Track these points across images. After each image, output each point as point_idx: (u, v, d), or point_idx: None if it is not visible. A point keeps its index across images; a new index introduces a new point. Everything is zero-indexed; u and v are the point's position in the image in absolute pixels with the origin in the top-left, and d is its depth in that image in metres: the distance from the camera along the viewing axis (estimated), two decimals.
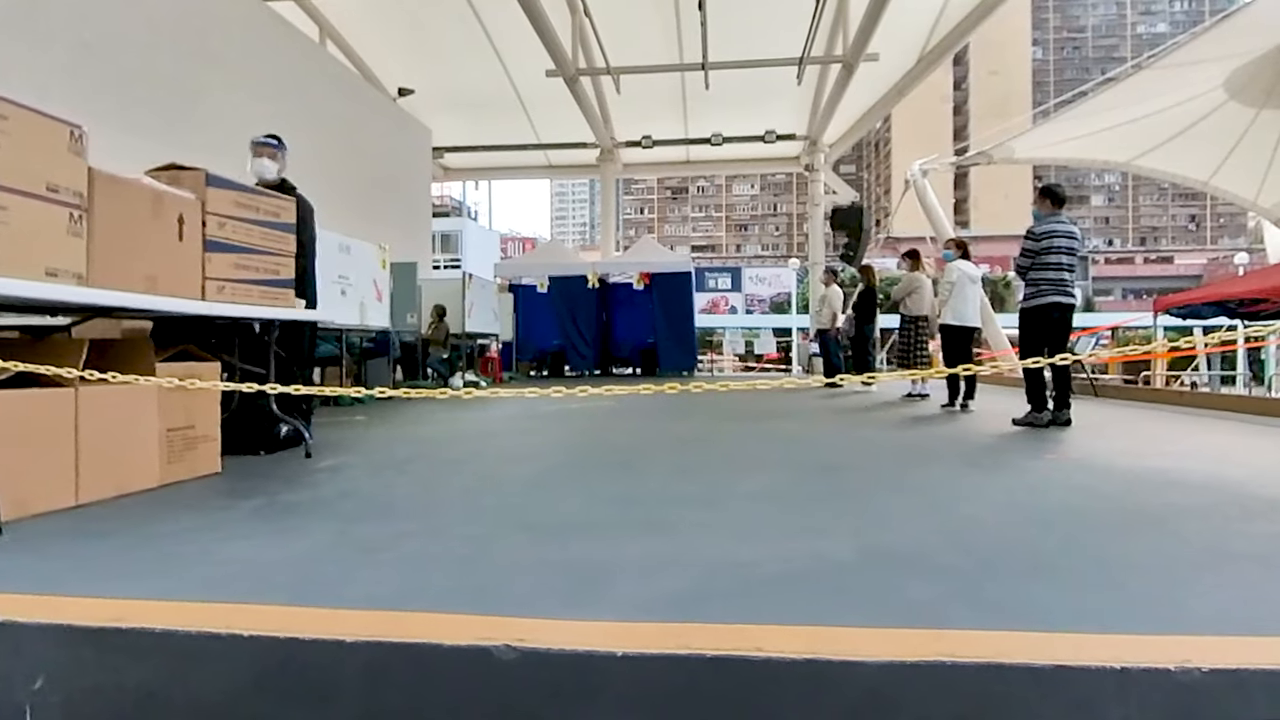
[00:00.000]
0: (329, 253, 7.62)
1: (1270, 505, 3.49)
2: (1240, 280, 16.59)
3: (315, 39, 13.85)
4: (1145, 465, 4.76)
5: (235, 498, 3.68)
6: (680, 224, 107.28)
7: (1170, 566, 2.47)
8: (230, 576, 2.38)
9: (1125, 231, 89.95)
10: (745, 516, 3.27)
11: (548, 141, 20.76)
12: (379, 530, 3.00)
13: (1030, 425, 6.78)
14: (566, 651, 1.71)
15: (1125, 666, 1.59)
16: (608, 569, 2.42)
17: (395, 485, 4.12)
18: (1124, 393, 12.73)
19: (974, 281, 8.64)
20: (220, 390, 3.99)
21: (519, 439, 6.25)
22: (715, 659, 1.67)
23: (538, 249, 26.66)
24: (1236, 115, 14.08)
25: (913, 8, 14.01)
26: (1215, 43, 12.60)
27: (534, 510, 3.44)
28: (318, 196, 5.70)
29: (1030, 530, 2.99)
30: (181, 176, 4.25)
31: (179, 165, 4.37)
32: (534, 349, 18.66)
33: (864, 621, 1.90)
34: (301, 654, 1.78)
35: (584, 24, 14.01)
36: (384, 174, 14.58)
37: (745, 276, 51.19)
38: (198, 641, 1.82)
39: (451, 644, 1.74)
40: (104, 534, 2.93)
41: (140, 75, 7.93)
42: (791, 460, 5.05)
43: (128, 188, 3.80)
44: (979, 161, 18.10)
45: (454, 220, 48.77)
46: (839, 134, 20.16)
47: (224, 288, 4.34)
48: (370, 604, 2.05)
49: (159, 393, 3.79)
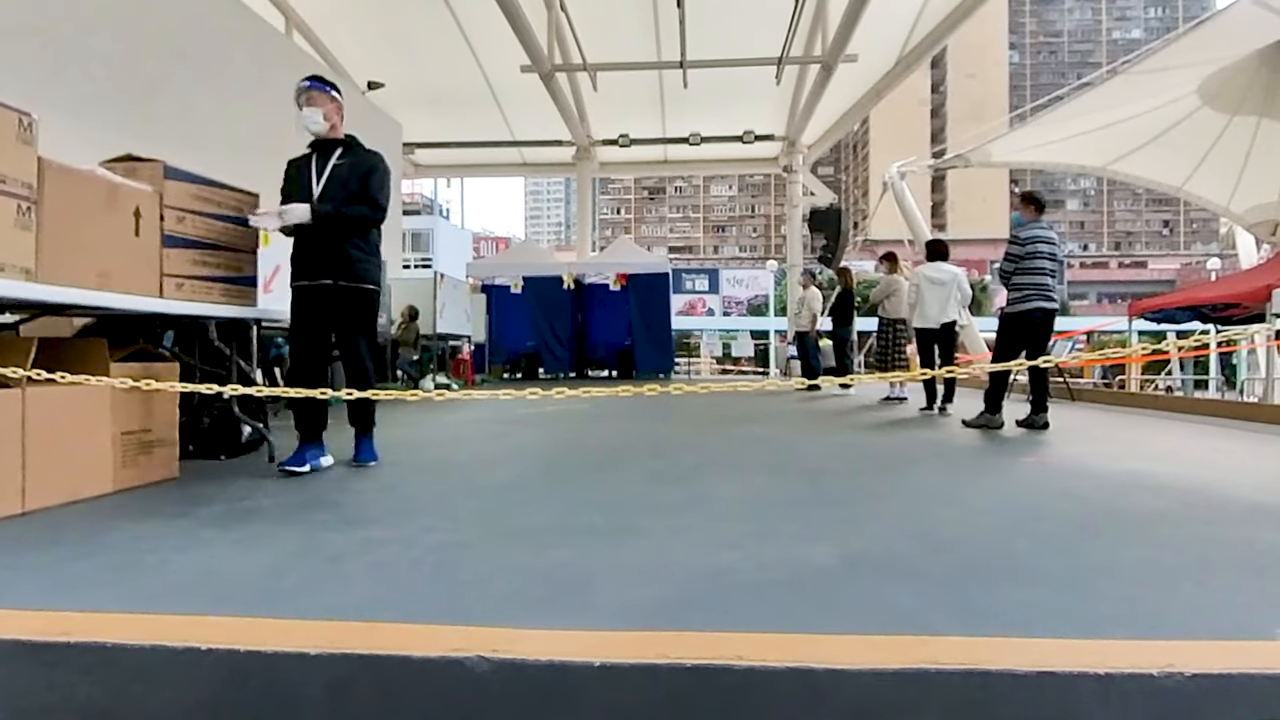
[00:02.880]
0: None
1: (1248, 509, 3.52)
2: (1213, 285, 16.74)
3: (281, 29, 13.61)
4: (1123, 469, 4.76)
5: (194, 504, 3.53)
6: (657, 224, 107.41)
7: (1151, 570, 2.47)
8: (188, 587, 2.29)
9: (1100, 236, 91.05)
10: (724, 522, 3.22)
11: (522, 139, 20.58)
12: (346, 537, 2.90)
13: (984, 428, 6.82)
14: (542, 662, 1.67)
15: (1108, 671, 1.59)
16: (584, 576, 2.38)
17: (363, 490, 4.01)
18: (1100, 396, 12.78)
19: (937, 283, 8.61)
20: (178, 392, 3.84)
21: (492, 443, 6.16)
22: (695, 668, 1.65)
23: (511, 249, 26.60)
24: (1209, 121, 14.27)
25: (891, 10, 14.01)
26: (1188, 49, 12.74)
27: (508, 516, 3.36)
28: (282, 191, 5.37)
29: (1011, 534, 2.97)
30: (138, 168, 4.12)
31: (135, 156, 4.24)
32: (507, 351, 18.56)
33: (846, 629, 1.89)
34: (264, 668, 1.72)
35: (560, 19, 13.87)
36: None
37: (723, 278, 51.36)
38: (153, 656, 1.74)
39: (422, 655, 1.69)
40: (51, 542, 2.80)
41: (95, 62, 7.69)
42: (770, 464, 5.01)
43: (80, 179, 3.67)
44: (956, 164, 18.23)
45: (425, 218, 48.60)
46: (817, 135, 20.18)
47: (183, 285, 4.20)
48: (337, 615, 1.98)
49: (113, 394, 3.64)
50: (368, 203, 4.50)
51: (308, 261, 4.51)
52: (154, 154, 4.30)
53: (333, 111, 4.60)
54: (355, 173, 4.50)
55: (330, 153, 4.57)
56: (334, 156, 4.56)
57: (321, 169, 4.52)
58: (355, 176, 4.49)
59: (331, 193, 4.44)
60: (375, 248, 4.69)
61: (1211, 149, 14.78)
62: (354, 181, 4.48)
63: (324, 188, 4.46)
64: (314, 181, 4.49)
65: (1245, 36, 11.93)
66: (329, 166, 4.52)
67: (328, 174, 4.49)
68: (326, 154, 4.57)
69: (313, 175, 4.51)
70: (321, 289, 4.49)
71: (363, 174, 4.51)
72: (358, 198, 4.47)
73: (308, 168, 4.55)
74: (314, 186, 4.48)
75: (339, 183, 4.47)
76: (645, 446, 5.91)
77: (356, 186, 4.47)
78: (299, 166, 4.60)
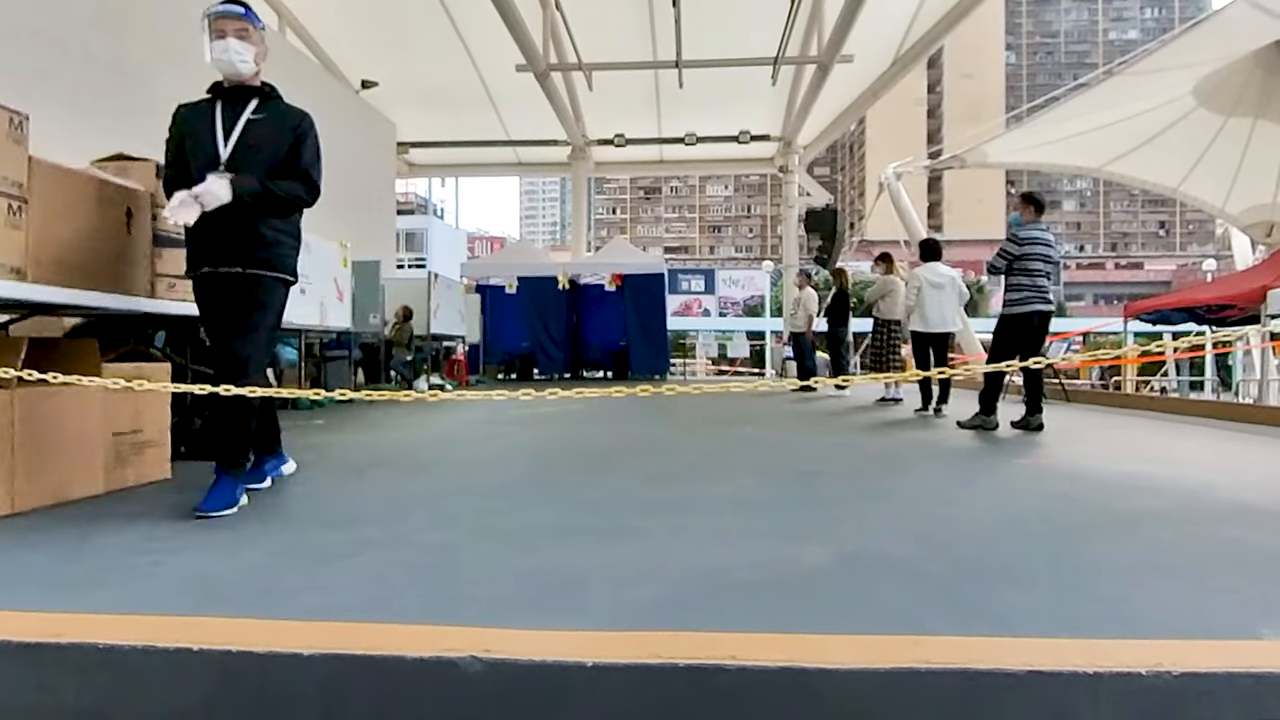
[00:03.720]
0: None
1: (1240, 510, 3.54)
2: (1208, 286, 16.76)
3: (274, 27, 13.59)
4: (1117, 470, 4.77)
5: (186, 505, 3.50)
6: (653, 225, 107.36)
7: (1142, 571, 2.48)
8: (180, 587, 2.27)
9: (1096, 237, 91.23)
10: (719, 522, 3.22)
11: (517, 138, 20.60)
12: (339, 538, 2.89)
13: (978, 429, 6.82)
14: (535, 662, 1.66)
15: (1098, 671, 1.59)
16: (578, 577, 2.37)
17: (356, 491, 4.01)
18: (1095, 398, 12.79)
19: (936, 287, 8.60)
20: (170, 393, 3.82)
21: (486, 443, 6.15)
22: (688, 668, 1.64)
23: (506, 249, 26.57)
24: (1205, 122, 14.29)
25: (888, 10, 14.04)
26: (1184, 50, 12.74)
27: (502, 517, 3.35)
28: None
29: (1004, 535, 2.99)
30: (130, 167, 4.11)
31: (127, 155, 4.22)
32: (502, 351, 18.52)
33: (839, 628, 1.89)
34: (256, 669, 1.70)
35: (556, 18, 13.86)
36: (345, 169, 14.22)
37: (719, 279, 51.21)
38: (144, 657, 1.72)
39: (415, 655, 1.67)
40: (41, 544, 2.78)
41: (89, 62, 7.67)
42: (765, 465, 5.01)
43: (72, 178, 3.66)
44: (952, 165, 18.23)
45: (419, 218, 48.43)
46: (813, 135, 20.20)
47: (175, 285, 4.18)
48: (329, 615, 1.97)
49: (104, 395, 3.62)
50: (302, 179, 3.61)
51: (211, 243, 3.50)
52: (145, 153, 4.28)
53: (261, 55, 3.65)
54: (278, 135, 3.58)
55: (242, 103, 3.57)
56: (248, 109, 3.56)
57: (230, 124, 3.51)
58: (279, 140, 3.58)
59: (245, 157, 3.48)
60: (297, 228, 3.79)
61: (1207, 150, 14.80)
62: (277, 147, 3.57)
63: (234, 149, 3.48)
64: (219, 139, 3.48)
65: (1241, 38, 11.95)
66: (241, 121, 3.52)
67: (239, 131, 3.50)
68: (237, 104, 3.56)
69: (217, 131, 3.49)
70: (228, 279, 3.53)
71: (292, 140, 3.61)
72: (286, 170, 3.57)
73: (209, 120, 3.53)
74: (219, 145, 3.48)
75: (254, 146, 3.52)
76: (639, 447, 5.90)
77: (283, 155, 3.57)
78: (196, 117, 3.58)
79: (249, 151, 3.49)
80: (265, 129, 3.56)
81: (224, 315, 3.56)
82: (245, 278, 3.53)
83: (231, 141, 3.48)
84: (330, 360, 11.28)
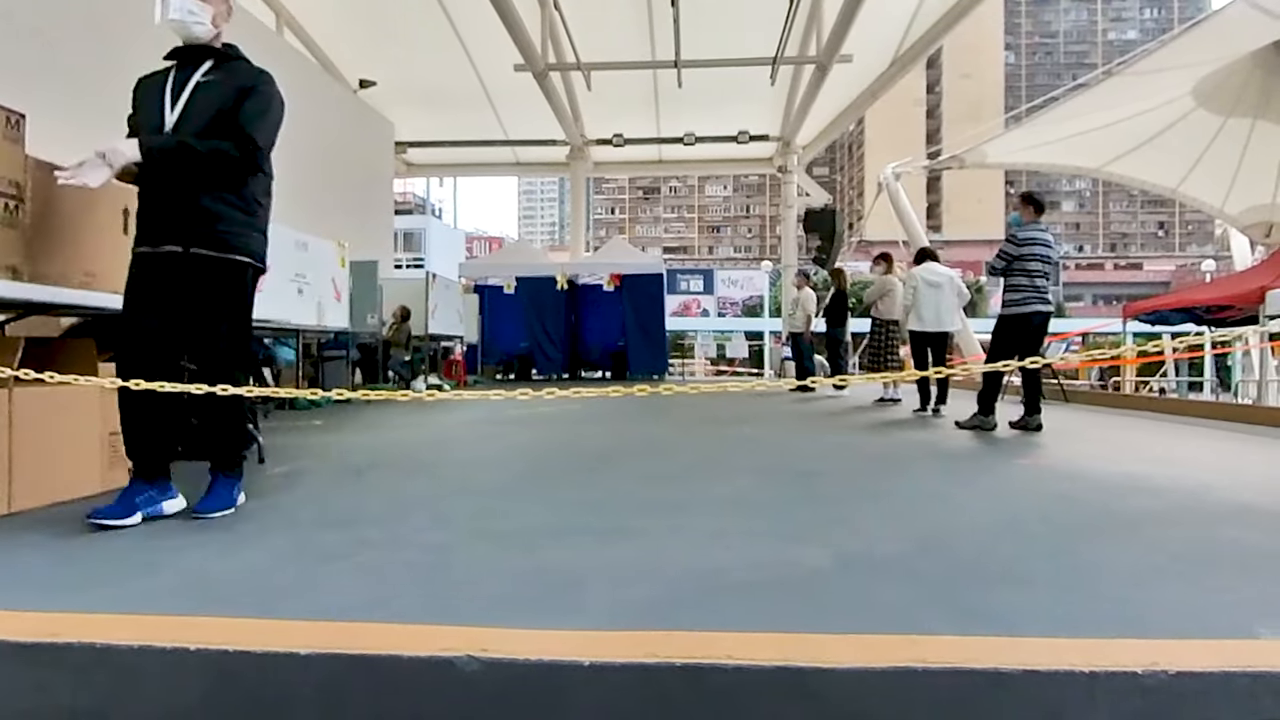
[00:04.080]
0: (285, 250, 7.42)
1: (1238, 510, 3.53)
2: (1207, 287, 16.78)
3: (272, 27, 13.60)
4: (1116, 470, 4.77)
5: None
6: (652, 225, 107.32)
7: (1139, 571, 2.48)
8: (177, 587, 2.27)
9: (1095, 237, 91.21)
10: (716, 522, 3.23)
11: (516, 138, 20.53)
12: (337, 538, 2.89)
13: (977, 429, 6.82)
14: (533, 661, 1.66)
15: (1093, 670, 1.59)
16: (575, 577, 2.37)
17: (355, 491, 4.01)
18: (1094, 398, 12.79)
19: (934, 286, 8.60)
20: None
21: (484, 443, 6.14)
22: (685, 667, 1.64)
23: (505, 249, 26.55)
24: (1204, 123, 14.29)
25: (887, 10, 14.02)
26: (1183, 50, 12.74)
27: (500, 517, 3.35)
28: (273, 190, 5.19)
29: (1002, 535, 2.99)
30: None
31: None
32: (500, 352, 18.49)
33: (836, 628, 1.89)
34: (254, 668, 1.70)
35: (554, 18, 13.83)
36: (343, 168, 14.31)
37: (718, 279, 51.24)
38: (141, 657, 1.72)
39: (413, 655, 1.68)
40: (39, 544, 2.78)
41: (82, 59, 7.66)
42: (763, 465, 5.01)
43: None
44: (951, 165, 18.23)
45: (417, 218, 48.43)
46: (812, 136, 20.16)
47: None
48: (327, 615, 1.97)
49: (101, 395, 3.61)
50: (234, 136, 3.12)
51: (152, 219, 3.16)
52: None
53: (222, 15, 3.29)
54: (226, 94, 3.17)
55: (195, 65, 3.23)
56: (200, 70, 3.21)
57: (180, 88, 3.17)
58: (225, 98, 3.16)
59: (192, 121, 3.12)
60: (254, 205, 3.32)
61: (1206, 151, 14.81)
62: (221, 105, 3.16)
63: (182, 114, 3.14)
64: (168, 106, 3.15)
65: (1240, 38, 11.95)
66: (191, 84, 3.17)
67: (188, 94, 3.15)
68: (190, 67, 3.22)
69: (167, 98, 3.16)
70: (167, 259, 3.13)
71: (239, 95, 3.18)
72: (223, 128, 3.12)
73: (161, 88, 3.21)
74: (167, 112, 3.14)
75: (203, 107, 3.14)
76: (637, 447, 5.90)
77: (228, 111, 3.16)
78: (149, 87, 3.26)
79: (195, 116, 3.13)
80: (215, 91, 3.18)
81: (161, 303, 3.14)
82: (189, 259, 3.13)
83: (178, 108, 3.14)
84: (328, 360, 11.27)
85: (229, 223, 3.19)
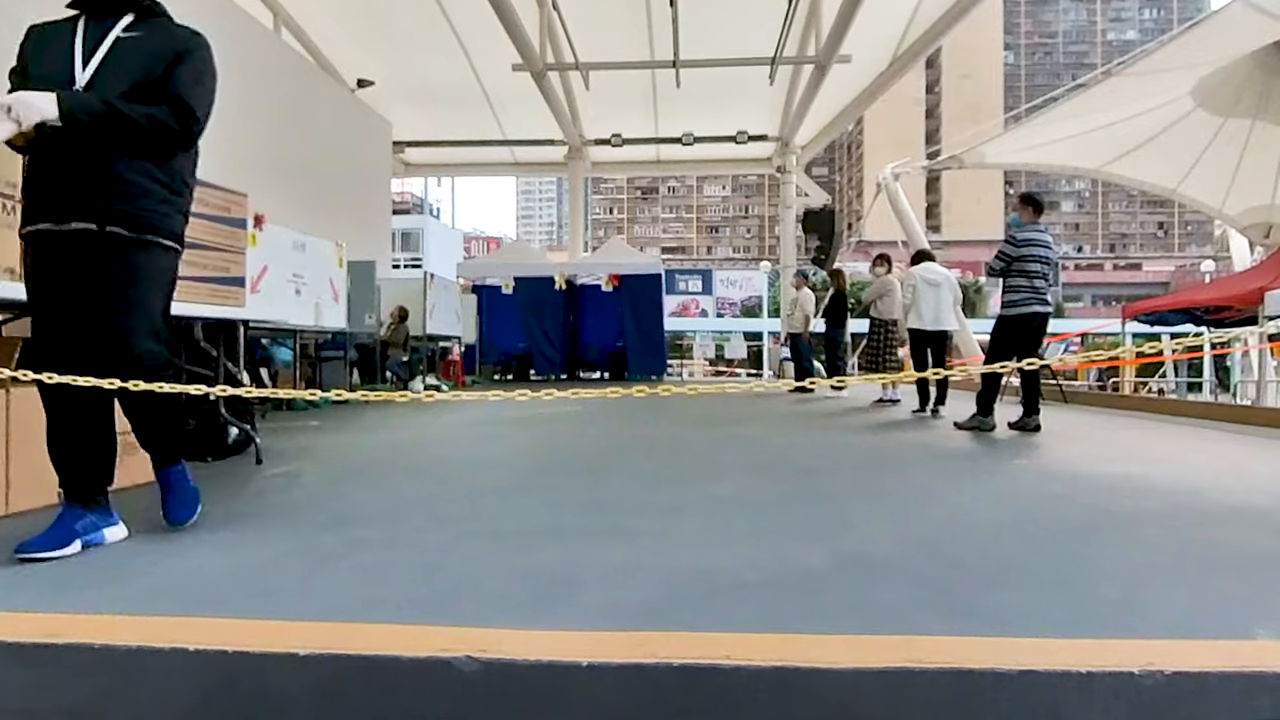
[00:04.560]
0: (282, 250, 7.39)
1: (1237, 510, 3.53)
2: (1206, 288, 16.80)
3: (269, 26, 13.56)
4: (1113, 471, 4.76)
5: None
6: (650, 225, 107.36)
7: (1135, 571, 2.48)
8: (175, 588, 2.27)
9: (1095, 238, 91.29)
10: (714, 523, 3.24)
11: (514, 138, 20.50)
12: (335, 539, 2.88)
13: (975, 430, 6.81)
14: (531, 662, 1.67)
15: (1089, 670, 1.60)
16: (573, 577, 2.37)
17: (352, 492, 4.01)
18: (1093, 399, 12.78)
19: (933, 285, 8.60)
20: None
21: (482, 444, 6.14)
22: (683, 668, 1.65)
23: (503, 249, 26.51)
24: (1203, 124, 14.30)
25: (886, 10, 14.01)
26: (1183, 51, 12.73)
27: (498, 517, 3.35)
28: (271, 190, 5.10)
29: (1000, 535, 2.99)
30: None
31: None
32: (498, 352, 18.49)
33: (834, 629, 1.89)
34: (252, 669, 1.70)
35: (552, 17, 13.81)
36: (341, 168, 14.24)
37: (716, 279, 51.25)
38: (139, 657, 1.72)
39: (411, 656, 1.68)
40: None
41: None
42: (761, 466, 5.01)
43: None
44: (950, 165, 18.23)
45: (415, 218, 48.32)
46: (811, 135, 20.15)
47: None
48: (325, 616, 1.97)
49: None
50: (169, 102, 2.71)
51: (53, 191, 2.66)
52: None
53: None
54: (154, 56, 2.75)
55: (114, 17, 2.79)
56: (119, 25, 2.77)
57: (94, 44, 2.72)
58: (155, 62, 2.74)
59: (109, 81, 2.67)
60: (179, 182, 2.87)
61: (1205, 151, 14.81)
62: (150, 69, 2.72)
63: (96, 72, 2.68)
64: (77, 61, 2.69)
65: (1239, 39, 11.95)
66: (109, 40, 2.73)
67: (106, 50, 2.71)
68: (105, 19, 2.78)
69: (76, 52, 2.70)
70: (74, 238, 2.65)
71: (169, 59, 2.76)
72: (153, 94, 2.69)
73: (67, 39, 2.74)
74: (77, 69, 2.68)
75: (123, 67, 2.70)
76: (636, 448, 5.89)
77: (155, 78, 2.71)
78: (50, 36, 2.79)
79: (112, 76, 2.68)
80: (138, 48, 2.75)
81: (74, 291, 2.68)
82: (102, 238, 2.66)
83: (93, 64, 2.68)
84: (326, 361, 11.28)
85: (151, 199, 2.74)
